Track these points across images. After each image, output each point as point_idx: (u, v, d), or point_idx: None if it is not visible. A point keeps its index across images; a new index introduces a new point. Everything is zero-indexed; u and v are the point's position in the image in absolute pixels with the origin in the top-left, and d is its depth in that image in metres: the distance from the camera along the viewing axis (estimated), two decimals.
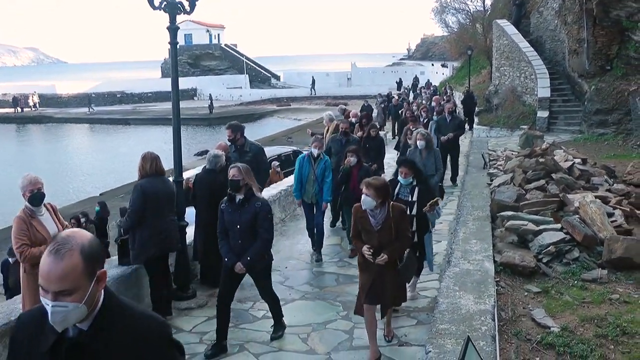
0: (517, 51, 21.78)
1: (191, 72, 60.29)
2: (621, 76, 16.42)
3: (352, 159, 6.98)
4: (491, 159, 12.80)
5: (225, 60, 64.85)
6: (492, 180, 10.16)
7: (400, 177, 5.45)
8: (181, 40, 38.98)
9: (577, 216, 6.75)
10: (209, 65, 63.62)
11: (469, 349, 2.86)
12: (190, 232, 6.22)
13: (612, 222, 6.76)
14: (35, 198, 4.42)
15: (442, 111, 11.91)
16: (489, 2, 35.50)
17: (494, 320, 4.29)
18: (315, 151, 7.17)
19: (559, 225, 6.56)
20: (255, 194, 4.68)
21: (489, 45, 28.91)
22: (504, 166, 11.25)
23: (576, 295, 5.28)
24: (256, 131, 32.09)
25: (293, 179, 7.61)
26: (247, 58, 64.62)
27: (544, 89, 19.05)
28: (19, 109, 49.43)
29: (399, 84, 49.03)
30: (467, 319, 4.21)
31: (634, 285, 5.51)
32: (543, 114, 18.70)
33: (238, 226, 4.63)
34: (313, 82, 54.43)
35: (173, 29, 5.84)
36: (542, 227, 6.53)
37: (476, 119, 22.04)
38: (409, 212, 5.15)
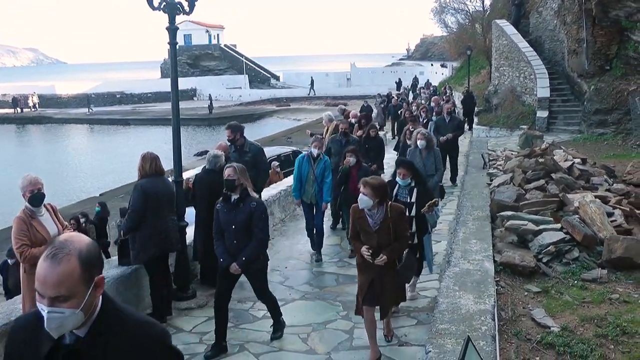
0: (517, 51, 21.78)
1: (190, 73, 60.27)
2: (620, 76, 16.43)
3: (351, 159, 6.95)
4: (491, 159, 12.79)
5: (225, 61, 64.85)
6: (491, 180, 10.15)
7: (398, 178, 5.41)
8: (180, 41, 39.15)
9: (577, 216, 6.75)
10: (208, 66, 63.60)
11: (469, 348, 2.86)
12: (190, 232, 6.23)
13: (611, 221, 6.76)
14: (35, 198, 4.42)
15: (441, 112, 11.91)
16: (488, 2, 35.53)
17: (494, 320, 4.29)
18: (315, 151, 7.15)
19: (558, 225, 6.56)
20: (250, 193, 4.69)
21: (488, 46, 28.88)
22: (503, 166, 11.24)
23: (576, 295, 5.28)
24: (256, 131, 32.10)
25: (292, 179, 7.61)
26: (246, 58, 64.59)
27: (543, 89, 19.06)
28: (19, 110, 49.37)
29: (399, 84, 48.90)
30: (467, 318, 4.21)
31: (634, 285, 5.51)
32: (542, 114, 18.70)
33: (233, 226, 4.64)
34: (312, 82, 54.23)
35: (172, 30, 5.84)
36: (541, 227, 6.53)
37: (476, 119, 22.03)
38: (407, 214, 5.12)
